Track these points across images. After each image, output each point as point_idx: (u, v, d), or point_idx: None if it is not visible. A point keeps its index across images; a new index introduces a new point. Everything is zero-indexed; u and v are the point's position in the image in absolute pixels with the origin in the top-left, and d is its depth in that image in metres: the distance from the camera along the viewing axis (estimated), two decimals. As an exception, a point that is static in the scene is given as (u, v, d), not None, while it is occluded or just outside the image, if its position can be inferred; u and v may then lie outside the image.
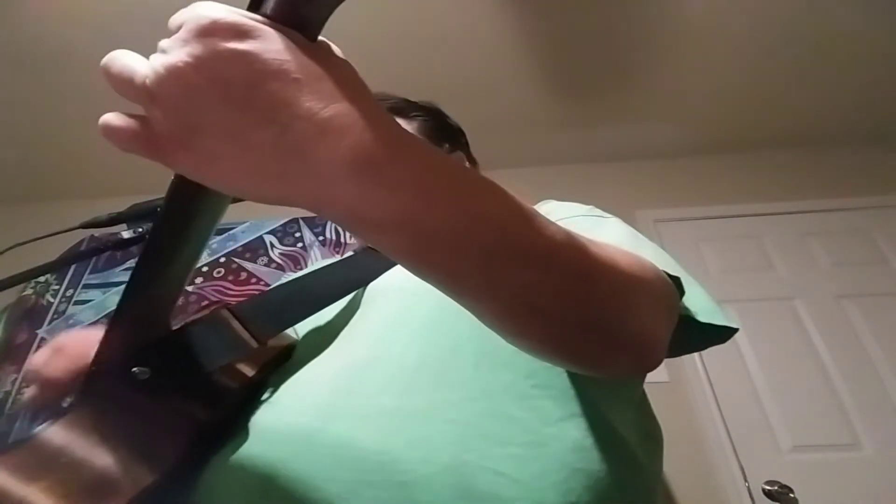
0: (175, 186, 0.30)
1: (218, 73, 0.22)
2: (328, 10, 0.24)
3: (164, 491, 0.36)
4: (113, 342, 0.39)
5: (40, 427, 0.37)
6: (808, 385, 1.51)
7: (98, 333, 0.47)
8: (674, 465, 1.37)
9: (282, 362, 0.49)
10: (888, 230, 1.78)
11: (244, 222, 1.82)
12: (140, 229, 0.54)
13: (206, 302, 1.61)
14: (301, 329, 0.55)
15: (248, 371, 0.44)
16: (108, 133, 0.24)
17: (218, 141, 0.22)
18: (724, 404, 1.49)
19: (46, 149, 1.93)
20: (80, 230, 0.52)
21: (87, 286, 1.73)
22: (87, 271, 1.77)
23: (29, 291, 1.70)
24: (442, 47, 1.62)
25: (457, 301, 0.28)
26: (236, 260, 1.72)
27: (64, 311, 1.65)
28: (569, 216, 0.52)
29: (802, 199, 1.88)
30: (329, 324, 0.51)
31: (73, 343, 0.50)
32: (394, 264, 0.40)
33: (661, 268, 0.39)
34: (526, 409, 0.39)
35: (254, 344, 0.42)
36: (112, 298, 1.67)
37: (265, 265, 1.70)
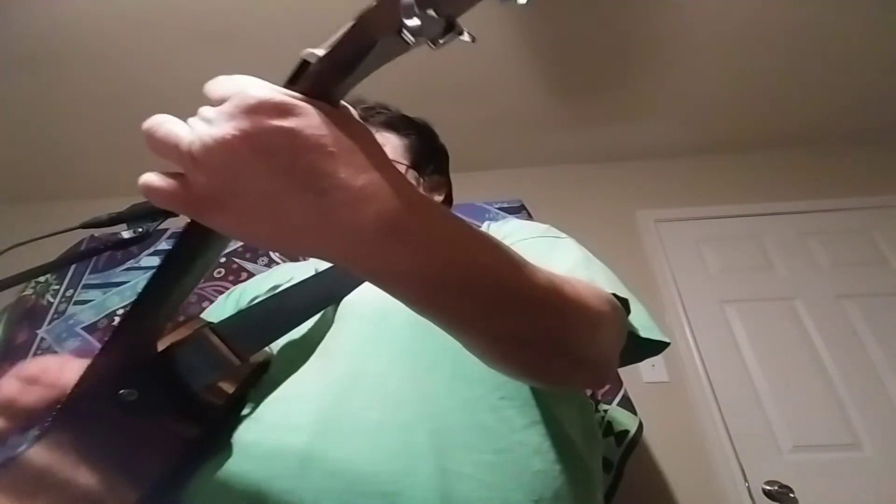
0: (188, 230, 0.32)
1: (264, 146, 0.24)
2: (352, 86, 0.28)
3: None
4: (101, 366, 0.39)
5: (22, 448, 0.37)
6: (808, 385, 1.50)
7: (70, 360, 0.49)
8: (674, 465, 1.37)
9: (259, 377, 0.49)
10: (888, 230, 1.78)
11: (244, 222, 1.81)
12: (140, 229, 0.54)
13: (206, 303, 1.60)
14: (276, 343, 0.54)
15: (230, 388, 0.45)
16: (148, 192, 0.26)
17: (256, 203, 0.25)
18: (724, 404, 1.48)
19: (46, 149, 1.93)
20: (80, 230, 0.52)
21: (87, 286, 1.73)
22: (87, 271, 1.77)
23: (29, 291, 1.69)
24: (442, 48, 1.62)
25: (452, 336, 0.32)
26: (236, 260, 1.72)
27: (64, 311, 1.65)
28: (528, 237, 0.57)
29: (802, 199, 1.88)
30: (303, 338, 0.52)
31: (48, 371, 0.48)
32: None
33: (611, 291, 0.44)
34: (496, 419, 0.43)
35: (236, 362, 0.43)
36: (112, 298, 1.67)
37: (265, 265, 1.70)
